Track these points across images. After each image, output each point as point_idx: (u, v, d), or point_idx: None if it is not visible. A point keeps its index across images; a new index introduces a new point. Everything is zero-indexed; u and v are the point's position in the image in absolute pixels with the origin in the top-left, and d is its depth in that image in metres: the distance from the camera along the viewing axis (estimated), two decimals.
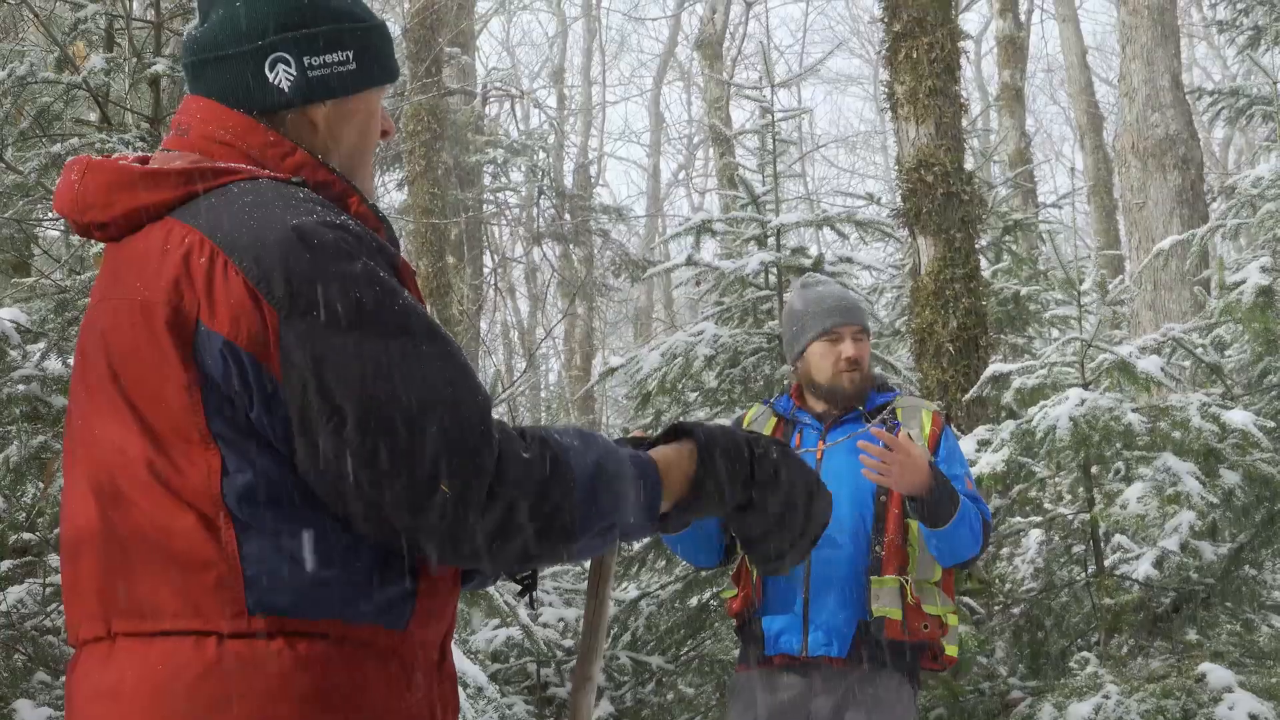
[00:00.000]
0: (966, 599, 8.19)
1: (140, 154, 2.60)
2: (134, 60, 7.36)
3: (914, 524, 5.51)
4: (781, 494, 2.65)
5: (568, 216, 23.57)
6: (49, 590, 6.55)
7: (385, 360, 2.26)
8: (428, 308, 2.47)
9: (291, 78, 2.52)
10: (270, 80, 2.51)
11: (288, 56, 2.51)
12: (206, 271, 2.29)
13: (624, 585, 9.97)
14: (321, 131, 2.58)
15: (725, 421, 5.92)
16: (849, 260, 10.42)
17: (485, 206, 22.44)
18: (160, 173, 2.41)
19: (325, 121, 2.58)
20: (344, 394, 2.24)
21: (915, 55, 9.88)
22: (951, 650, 5.65)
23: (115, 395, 2.36)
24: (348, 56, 2.57)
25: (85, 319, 2.53)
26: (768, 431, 5.73)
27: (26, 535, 6.64)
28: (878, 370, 8.34)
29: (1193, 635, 7.60)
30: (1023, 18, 26.39)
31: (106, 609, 2.36)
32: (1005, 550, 8.66)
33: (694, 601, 9.00)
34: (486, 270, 23.30)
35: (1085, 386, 7.92)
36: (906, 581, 5.46)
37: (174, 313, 2.30)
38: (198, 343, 2.29)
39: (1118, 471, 8.06)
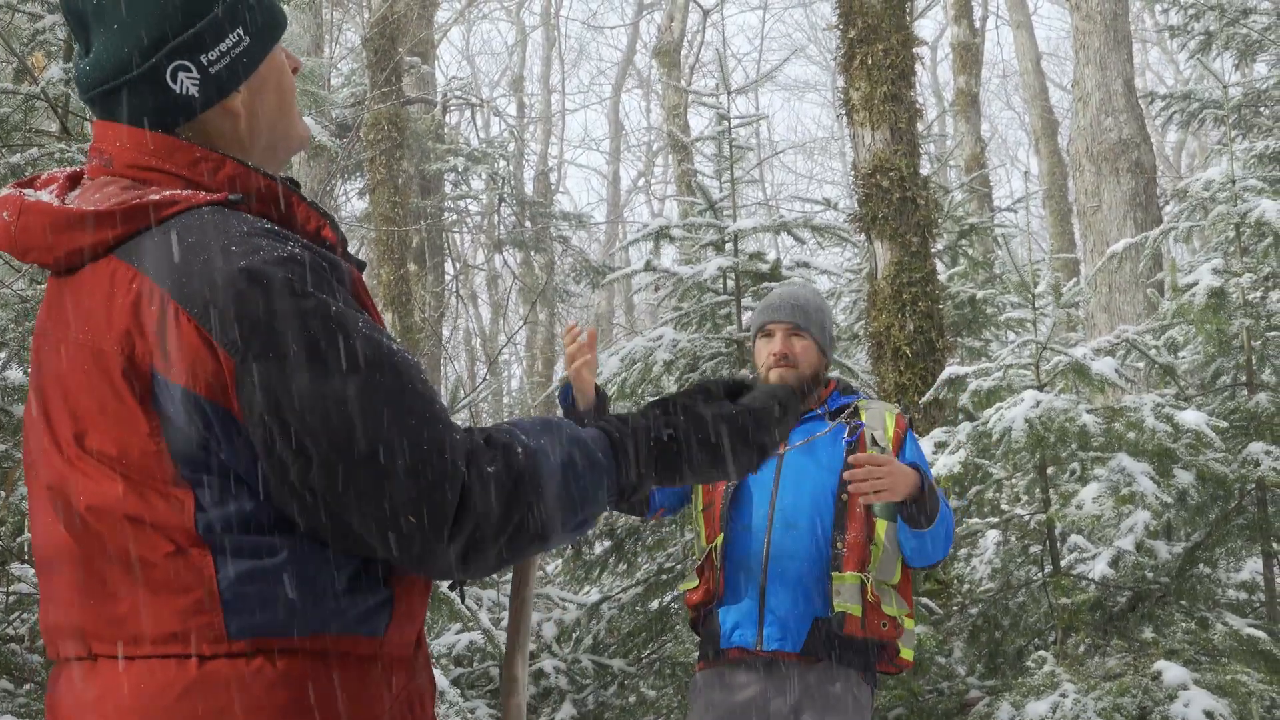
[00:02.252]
0: (925, 599, 8.21)
1: (73, 170, 2.56)
2: None
3: (881, 523, 5.55)
4: (703, 465, 2.63)
5: (528, 223, 23.58)
6: (12, 599, 6.52)
7: (344, 398, 2.23)
8: (382, 313, 2.41)
9: (197, 81, 2.45)
10: (178, 91, 2.44)
11: (186, 63, 2.44)
12: (158, 320, 2.26)
13: (586, 589, 9.98)
14: (244, 115, 2.52)
15: None
16: (806, 265, 10.44)
17: (446, 214, 22.41)
18: (100, 214, 2.34)
19: (245, 105, 2.52)
20: (306, 435, 2.22)
21: (870, 61, 9.91)
22: (907, 654, 5.69)
23: (83, 446, 2.33)
24: (239, 34, 2.49)
25: (36, 346, 2.48)
26: None
27: None
28: (835, 374, 8.36)
29: (1148, 634, 7.63)
30: (977, 24, 26.45)
31: (86, 631, 2.35)
32: (963, 551, 8.70)
33: (655, 605, 9.01)
34: (448, 277, 23.27)
35: (1040, 388, 7.95)
36: (867, 579, 5.49)
37: (128, 362, 2.27)
38: (156, 391, 2.27)
39: (1073, 472, 8.09)
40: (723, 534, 5.58)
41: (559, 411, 5.57)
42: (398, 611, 2.43)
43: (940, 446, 8.04)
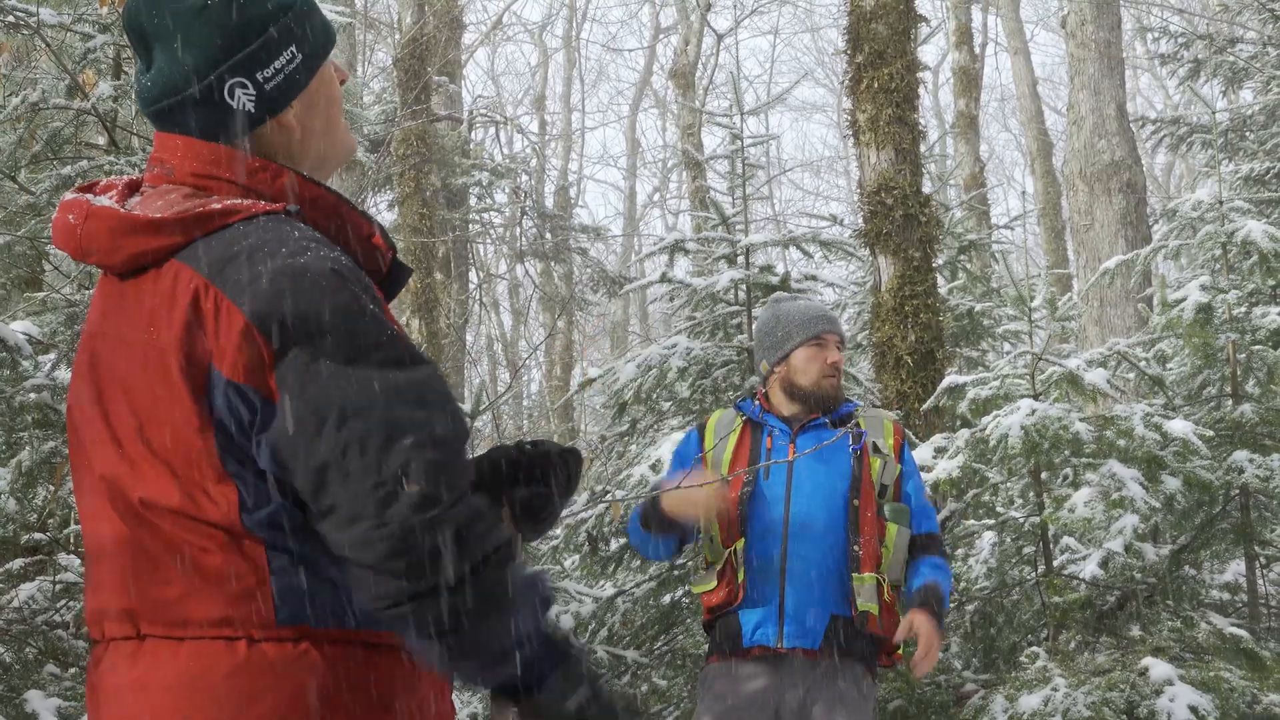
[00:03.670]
0: None
1: (132, 178, 2.56)
2: None
3: (891, 527, 5.57)
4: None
5: (549, 235, 23.56)
6: (58, 587, 6.55)
7: (370, 391, 2.23)
8: (409, 320, 2.41)
9: (253, 97, 2.46)
10: (235, 107, 2.45)
11: (243, 80, 2.45)
12: (213, 315, 2.27)
13: (601, 583, 9.98)
14: (297, 129, 2.53)
15: (690, 426, 5.99)
16: (814, 278, 10.42)
17: (471, 226, 22.41)
18: (165, 221, 2.35)
19: (297, 119, 2.53)
20: (326, 423, 2.22)
21: (876, 85, 9.91)
22: (902, 647, 5.71)
23: (141, 442, 2.34)
24: (292, 53, 2.50)
25: (91, 345, 2.48)
26: (734, 434, 5.77)
27: (37, 535, 6.63)
28: None
29: (1136, 631, 7.62)
30: (977, 50, 26.44)
31: (134, 611, 2.35)
32: (960, 551, 8.68)
33: (667, 599, 8.99)
34: (472, 286, 23.27)
35: (1035, 397, 7.95)
36: (883, 579, 5.52)
37: (187, 359, 2.28)
38: (210, 387, 2.28)
39: (1066, 477, 8.09)
40: (743, 539, 5.57)
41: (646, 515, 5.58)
42: None
43: (940, 452, 8.04)
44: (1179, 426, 7.70)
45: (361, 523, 2.21)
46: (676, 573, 8.84)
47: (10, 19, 6.70)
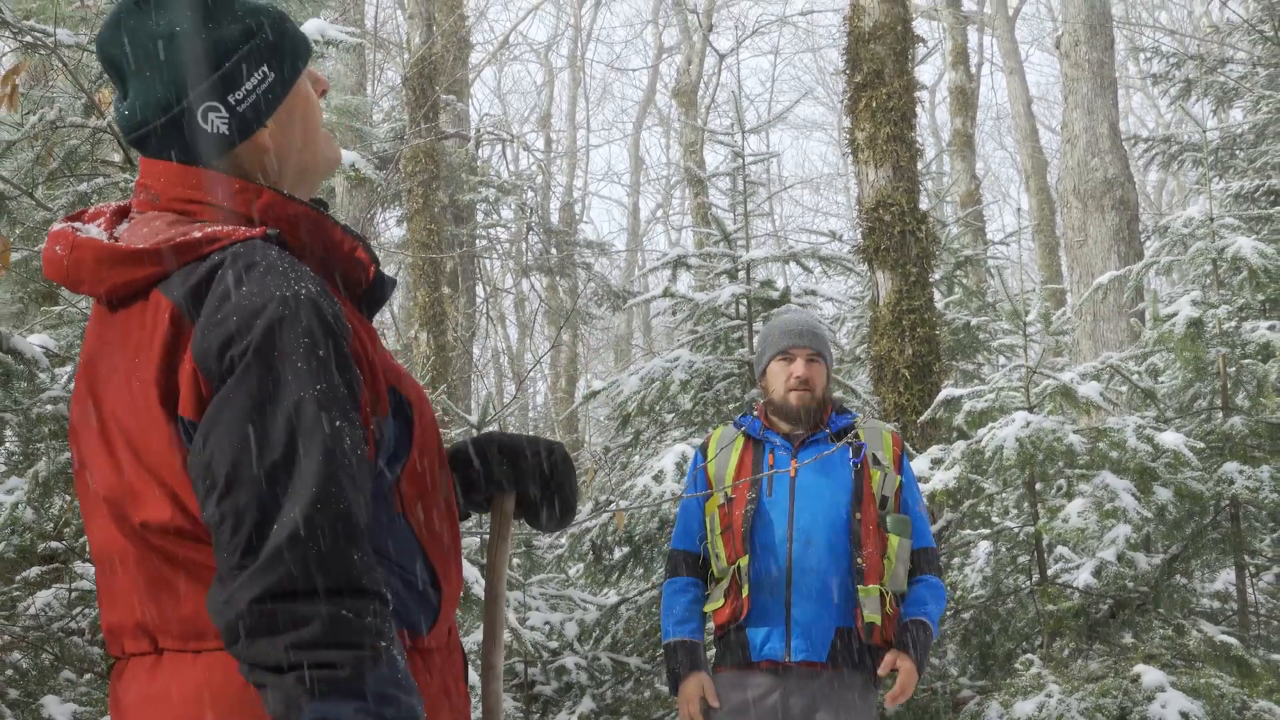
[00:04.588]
0: None
1: (121, 204, 2.54)
2: None
3: (893, 539, 5.56)
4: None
5: (554, 250, 23.58)
6: (74, 595, 6.56)
7: (256, 445, 2.18)
8: (417, 334, 2.39)
9: (226, 120, 2.42)
10: (209, 131, 2.42)
11: (215, 104, 2.41)
12: (181, 349, 2.26)
13: (605, 591, 9.98)
14: (272, 148, 2.50)
15: (696, 443, 5.99)
16: (813, 293, 10.44)
17: (478, 241, 22.42)
18: (146, 252, 2.32)
19: (273, 138, 2.49)
20: (217, 467, 2.19)
21: (874, 104, 9.94)
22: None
23: (137, 465, 2.32)
24: (264, 71, 2.46)
25: (88, 372, 2.46)
26: (736, 451, 5.76)
27: (54, 544, 6.64)
28: (837, 394, 8.36)
29: (1128, 639, 7.63)
30: (973, 70, 26.48)
31: (151, 627, 2.34)
32: (956, 560, 8.69)
33: None
34: (479, 300, 23.28)
35: (1030, 409, 7.96)
36: (886, 591, 5.51)
37: (164, 390, 2.28)
38: (179, 417, 2.27)
39: (1060, 488, 8.10)
40: (747, 555, 5.55)
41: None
42: (442, 613, 2.49)
43: (936, 463, 8.05)
44: (1170, 438, 7.71)
45: (222, 590, 2.18)
46: None
47: (28, 39, 6.71)
